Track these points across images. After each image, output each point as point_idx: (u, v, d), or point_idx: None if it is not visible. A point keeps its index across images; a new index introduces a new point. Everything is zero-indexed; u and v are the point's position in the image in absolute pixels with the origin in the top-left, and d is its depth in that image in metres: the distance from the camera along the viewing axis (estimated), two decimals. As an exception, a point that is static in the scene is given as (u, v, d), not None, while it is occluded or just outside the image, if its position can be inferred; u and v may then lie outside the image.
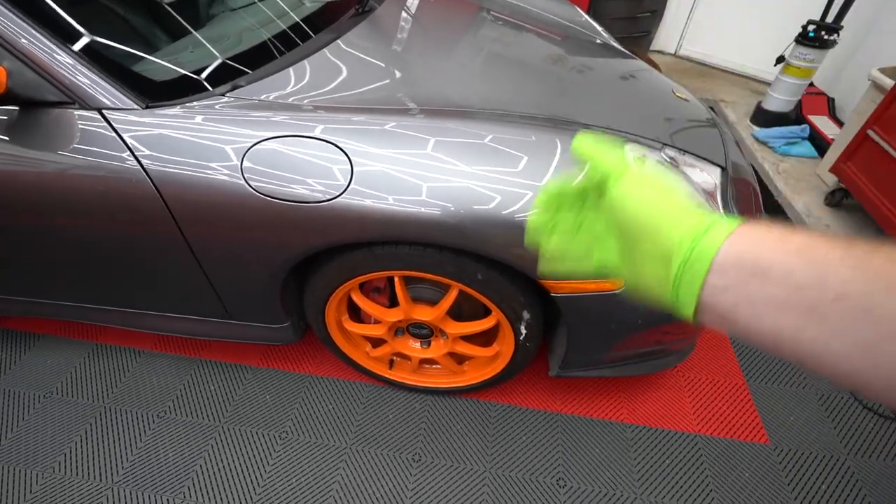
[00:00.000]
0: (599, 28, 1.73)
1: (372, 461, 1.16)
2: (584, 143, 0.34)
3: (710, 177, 1.08)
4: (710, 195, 1.04)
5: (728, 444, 1.18)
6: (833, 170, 1.88)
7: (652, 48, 3.48)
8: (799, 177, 2.17)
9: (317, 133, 0.82)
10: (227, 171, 0.82)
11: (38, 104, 0.84)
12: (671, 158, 1.03)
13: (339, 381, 1.33)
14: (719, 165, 1.13)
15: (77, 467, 1.15)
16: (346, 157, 0.80)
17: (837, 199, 1.92)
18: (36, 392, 1.32)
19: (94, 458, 1.17)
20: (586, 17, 1.77)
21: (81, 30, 0.86)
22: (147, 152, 0.83)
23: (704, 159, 1.11)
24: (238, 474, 1.14)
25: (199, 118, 0.84)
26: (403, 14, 1.38)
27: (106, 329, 1.47)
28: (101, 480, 1.13)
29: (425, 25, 1.36)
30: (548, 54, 1.33)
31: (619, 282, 0.90)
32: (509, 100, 1.03)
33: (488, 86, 1.09)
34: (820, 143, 2.30)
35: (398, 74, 1.06)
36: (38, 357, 1.42)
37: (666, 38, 3.45)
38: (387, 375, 1.24)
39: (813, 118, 2.39)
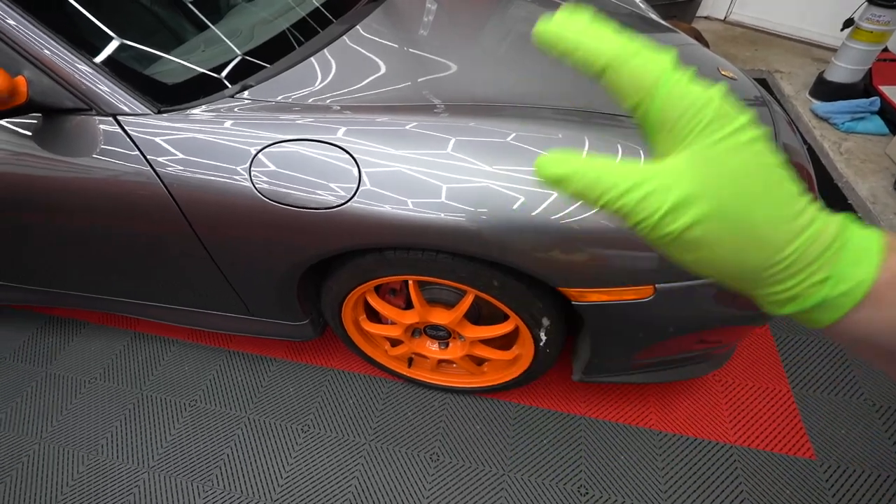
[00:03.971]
0: (639, 0, 1.58)
1: (390, 459, 1.16)
2: (559, 165, 0.22)
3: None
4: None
5: (768, 457, 1.10)
6: (907, 151, 1.66)
7: (699, 14, 3.19)
8: (865, 157, 1.95)
9: (329, 136, 0.79)
10: (236, 175, 0.80)
11: (57, 111, 0.85)
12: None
13: (360, 376, 1.34)
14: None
15: (118, 451, 1.23)
16: (355, 162, 0.77)
17: (910, 184, 1.71)
18: (82, 377, 1.41)
19: (132, 443, 1.24)
20: (623, -14, 1.61)
21: (94, 33, 0.86)
22: (159, 156, 0.83)
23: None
24: (262, 465, 1.17)
25: (208, 121, 0.83)
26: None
27: (142, 319, 1.54)
28: (139, 465, 1.20)
29: (446, 7, 1.28)
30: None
31: (648, 290, 0.83)
32: (538, 91, 0.95)
33: (516, 75, 1.01)
34: (892, 118, 2.05)
35: (419, 67, 1.00)
36: (84, 344, 1.51)
37: (715, 1, 3.15)
38: (406, 373, 1.24)
39: (885, 89, 2.13)
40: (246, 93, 0.89)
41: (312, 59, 0.96)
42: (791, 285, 0.21)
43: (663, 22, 1.50)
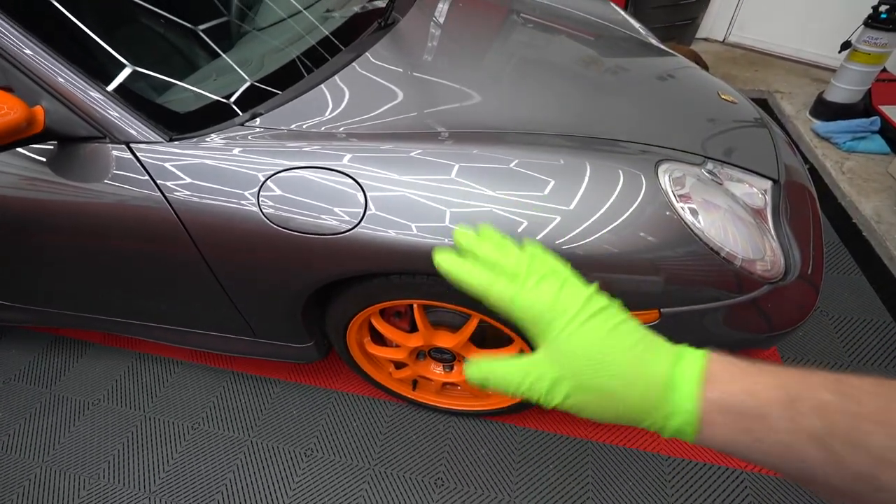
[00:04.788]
0: (637, 25, 1.61)
1: (395, 484, 1.15)
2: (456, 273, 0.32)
3: (758, 192, 0.98)
4: (758, 213, 0.94)
5: (779, 483, 1.08)
6: (909, 170, 1.67)
7: (698, 36, 3.25)
8: (867, 176, 1.95)
9: (336, 164, 0.80)
10: (244, 201, 0.82)
11: (72, 139, 0.88)
12: (712, 174, 0.94)
13: (364, 398, 1.33)
14: (770, 178, 1.02)
15: (119, 475, 1.22)
16: (361, 189, 0.78)
17: (914, 203, 1.71)
18: (86, 399, 1.41)
19: (134, 467, 1.23)
20: (623, 13, 1.66)
21: (109, 63, 0.89)
22: (169, 183, 0.84)
23: (752, 172, 1.01)
24: (265, 491, 1.16)
25: (218, 148, 0.85)
26: (428, 23, 1.34)
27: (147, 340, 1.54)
28: (140, 489, 1.19)
29: (452, 35, 1.31)
30: (582, 59, 1.25)
31: (653, 315, 0.83)
32: (541, 117, 0.98)
33: (519, 102, 1.03)
34: (893, 137, 2.06)
35: (424, 95, 1.02)
36: (89, 365, 1.51)
37: (713, 24, 3.21)
38: (410, 396, 1.23)
39: (885, 108, 2.15)
40: (257, 120, 0.91)
41: (322, 86, 0.99)
42: (650, 423, 0.27)
43: (662, 46, 1.53)
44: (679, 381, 0.26)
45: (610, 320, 0.28)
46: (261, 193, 0.81)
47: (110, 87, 0.86)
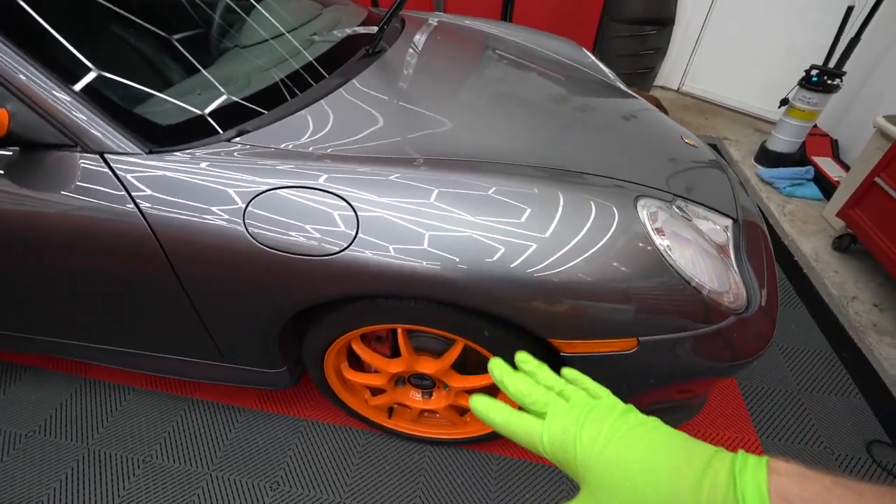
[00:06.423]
0: (607, 70, 1.74)
1: (366, 518, 1.09)
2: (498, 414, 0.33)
3: (721, 229, 1.06)
4: (722, 249, 1.01)
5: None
6: (840, 215, 1.86)
7: (655, 83, 3.53)
8: (805, 219, 2.16)
9: (321, 183, 0.80)
10: (228, 219, 0.79)
11: (39, 146, 0.83)
12: (681, 210, 1.01)
13: (335, 427, 1.27)
14: (730, 216, 1.11)
15: (54, 517, 1.09)
16: (351, 210, 0.78)
17: (846, 244, 1.90)
18: (18, 430, 1.27)
19: (72, 507, 1.11)
20: (593, 58, 1.78)
21: (85, 69, 0.85)
22: (147, 197, 0.80)
23: (715, 210, 1.09)
24: (224, 530, 1.07)
25: (203, 164, 0.82)
26: (412, 55, 1.38)
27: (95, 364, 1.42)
28: (78, 533, 1.06)
29: (433, 69, 1.36)
30: (554, 96, 1.33)
31: (632, 343, 0.87)
32: (514, 149, 1.01)
33: (494, 133, 1.07)
34: (825, 185, 2.30)
35: (406, 122, 1.05)
36: (23, 391, 1.36)
37: (669, 74, 3.51)
38: (385, 424, 1.19)
39: (817, 159, 2.40)
40: (240, 138, 0.89)
41: (311, 108, 0.99)
42: None
43: (629, 91, 1.65)
44: (748, 488, 0.23)
45: (647, 435, 0.27)
46: (247, 212, 0.79)
47: (85, 93, 0.82)
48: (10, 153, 0.85)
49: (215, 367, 1.11)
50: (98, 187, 0.81)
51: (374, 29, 1.31)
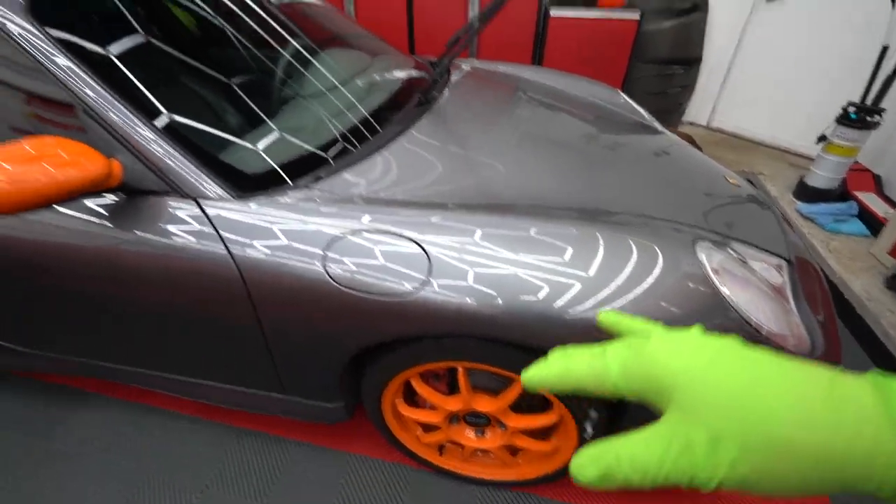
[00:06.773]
0: (642, 110, 1.79)
1: (419, 560, 1.08)
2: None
3: (775, 270, 1.06)
4: (779, 292, 1.01)
5: None
6: (894, 253, 1.81)
7: (684, 119, 3.58)
8: (852, 256, 2.10)
9: (402, 229, 0.85)
10: (309, 262, 0.85)
11: (140, 192, 0.91)
12: (739, 254, 1.02)
13: (384, 463, 1.28)
14: (782, 257, 1.10)
15: (116, 545, 1.12)
16: (426, 253, 0.83)
17: (900, 283, 1.84)
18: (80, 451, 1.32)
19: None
20: (625, 97, 1.84)
21: (184, 125, 0.95)
22: (235, 240, 0.87)
23: (766, 250, 1.09)
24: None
25: (285, 209, 0.89)
26: (460, 103, 1.47)
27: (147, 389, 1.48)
28: (138, 562, 1.09)
29: (483, 115, 1.44)
30: (600, 142, 1.38)
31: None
32: (546, 190, 1.05)
33: (537, 178, 1.12)
34: (870, 221, 2.25)
35: (464, 168, 1.11)
36: (83, 415, 1.43)
37: (697, 110, 3.54)
38: (435, 462, 1.19)
39: (860, 195, 2.36)
40: (318, 184, 0.97)
41: (374, 156, 1.07)
42: (882, 477, 0.18)
43: (666, 131, 1.69)
44: None
45: (749, 349, 0.22)
46: (327, 253, 0.84)
47: (183, 145, 0.91)
48: (115, 200, 0.94)
49: (274, 400, 1.15)
50: (192, 229, 0.89)
51: (422, 75, 1.41)
